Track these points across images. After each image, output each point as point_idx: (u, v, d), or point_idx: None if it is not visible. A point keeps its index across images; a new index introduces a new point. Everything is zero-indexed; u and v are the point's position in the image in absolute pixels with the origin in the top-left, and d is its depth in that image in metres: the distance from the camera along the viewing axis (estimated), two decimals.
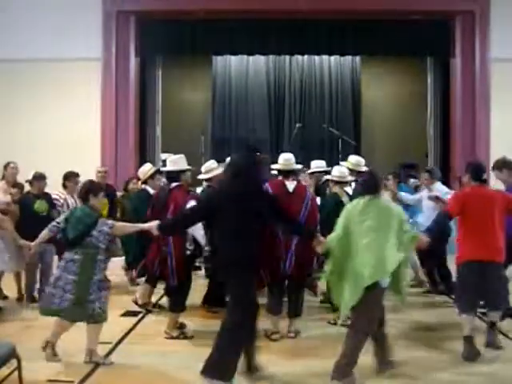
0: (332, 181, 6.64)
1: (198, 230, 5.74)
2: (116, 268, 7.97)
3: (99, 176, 9.03)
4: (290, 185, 5.93)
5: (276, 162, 6.22)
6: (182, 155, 6.26)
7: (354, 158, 7.20)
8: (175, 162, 6.15)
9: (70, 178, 7.67)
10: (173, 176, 6.08)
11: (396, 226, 4.51)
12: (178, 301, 5.89)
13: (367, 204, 4.59)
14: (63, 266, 5.05)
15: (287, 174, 6.02)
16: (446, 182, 9.91)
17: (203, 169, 6.98)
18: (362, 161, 7.13)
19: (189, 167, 6.28)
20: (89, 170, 8.94)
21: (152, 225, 5.03)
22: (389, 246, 4.42)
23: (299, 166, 6.59)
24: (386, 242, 4.43)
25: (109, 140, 12.10)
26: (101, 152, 11.98)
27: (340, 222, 4.65)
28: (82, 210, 5.21)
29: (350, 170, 6.96)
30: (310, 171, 6.96)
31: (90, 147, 11.73)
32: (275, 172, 6.30)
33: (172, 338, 5.84)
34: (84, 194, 5.27)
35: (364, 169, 7.02)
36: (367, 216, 4.51)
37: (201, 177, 7.01)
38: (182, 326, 6.03)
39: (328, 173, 7.20)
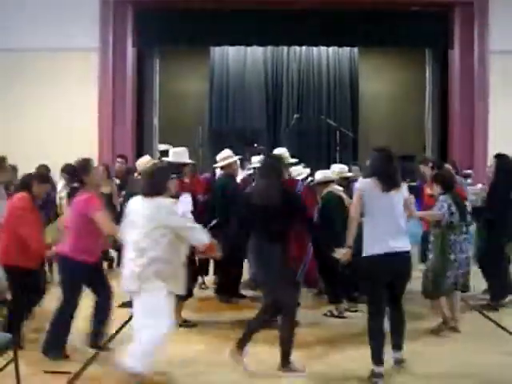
0: (319, 184, 6.59)
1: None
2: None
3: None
4: None
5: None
6: (185, 148, 6.26)
7: (337, 167, 7.27)
8: (179, 154, 6.13)
9: None
10: (174, 168, 6.06)
11: None
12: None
13: None
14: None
15: None
16: None
17: (218, 158, 6.96)
18: (344, 167, 7.22)
19: (191, 161, 6.28)
20: None
21: None
22: None
23: (292, 160, 6.61)
24: None
25: (106, 130, 12.04)
26: (98, 142, 11.92)
27: None
28: None
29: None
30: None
31: (87, 137, 11.66)
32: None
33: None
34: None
35: (349, 174, 7.14)
36: None
37: (217, 165, 7.05)
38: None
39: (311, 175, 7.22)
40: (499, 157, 6.95)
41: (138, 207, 4.47)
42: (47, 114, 11.77)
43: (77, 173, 5.21)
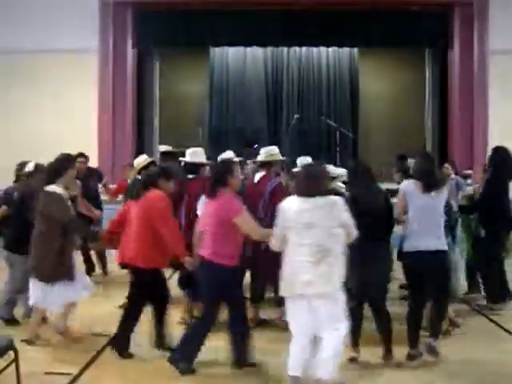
0: None
1: None
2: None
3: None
4: (257, 176, 6.15)
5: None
6: (202, 149, 6.22)
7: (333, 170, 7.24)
8: (196, 154, 6.07)
9: None
10: (191, 168, 6.04)
11: None
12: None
13: None
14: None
15: (262, 165, 6.24)
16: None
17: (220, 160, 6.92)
18: (344, 171, 7.16)
19: (209, 161, 6.21)
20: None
21: None
22: None
23: (279, 158, 6.60)
24: None
25: (106, 131, 12.05)
26: (98, 143, 11.94)
27: None
28: None
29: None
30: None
31: (87, 139, 11.67)
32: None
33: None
34: None
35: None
36: None
37: None
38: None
39: None
40: (497, 150, 6.81)
41: (305, 207, 4.24)
42: (46, 117, 11.78)
43: (221, 174, 4.76)
